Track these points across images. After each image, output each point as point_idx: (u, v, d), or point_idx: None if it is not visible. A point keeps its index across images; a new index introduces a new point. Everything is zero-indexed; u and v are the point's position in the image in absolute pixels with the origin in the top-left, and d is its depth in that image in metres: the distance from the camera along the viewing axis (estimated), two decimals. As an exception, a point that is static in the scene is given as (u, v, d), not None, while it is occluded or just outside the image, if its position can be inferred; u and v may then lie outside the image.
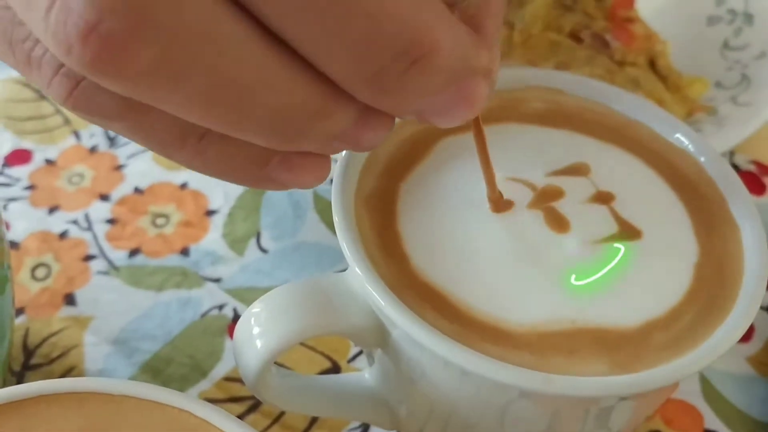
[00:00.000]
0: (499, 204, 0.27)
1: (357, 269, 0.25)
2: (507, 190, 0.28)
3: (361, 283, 0.25)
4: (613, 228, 0.27)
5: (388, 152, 0.29)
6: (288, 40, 0.18)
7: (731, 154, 0.47)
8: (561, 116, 0.31)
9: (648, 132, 0.31)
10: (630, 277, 0.26)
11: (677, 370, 0.24)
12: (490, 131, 0.30)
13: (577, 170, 0.29)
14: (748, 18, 0.52)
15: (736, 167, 0.47)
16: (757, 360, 0.37)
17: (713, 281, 0.26)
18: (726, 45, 0.51)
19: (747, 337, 0.38)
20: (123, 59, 0.17)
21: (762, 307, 0.39)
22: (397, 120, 0.30)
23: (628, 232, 0.27)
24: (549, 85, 0.32)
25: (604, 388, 0.23)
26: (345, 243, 0.26)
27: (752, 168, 0.47)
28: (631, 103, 0.31)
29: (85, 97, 0.20)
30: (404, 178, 0.29)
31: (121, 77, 0.17)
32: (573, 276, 0.26)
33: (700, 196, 0.28)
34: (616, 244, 0.27)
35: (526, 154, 0.29)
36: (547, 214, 0.27)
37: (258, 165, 0.23)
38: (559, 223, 0.27)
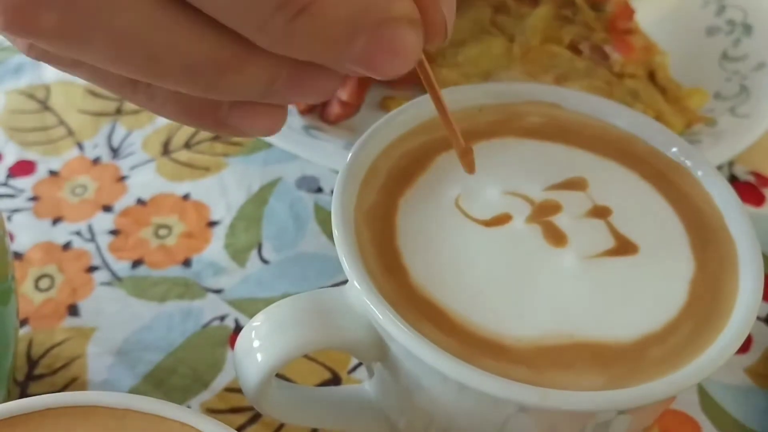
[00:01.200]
0: (468, 156, 0.27)
1: (356, 283, 0.26)
2: (505, 205, 0.28)
3: (360, 297, 0.25)
4: (610, 242, 0.27)
5: (388, 166, 0.30)
6: None
7: (730, 165, 0.47)
8: (558, 131, 0.31)
9: (645, 146, 0.31)
10: (626, 292, 0.26)
11: (674, 384, 0.24)
12: (488, 146, 0.31)
13: (575, 185, 0.29)
14: (747, 29, 0.52)
15: (735, 178, 0.47)
16: (755, 371, 0.37)
17: (709, 295, 0.26)
18: (725, 56, 0.51)
19: (745, 348, 0.38)
20: (29, 23, 0.20)
21: (759, 318, 0.39)
22: (396, 135, 0.30)
23: (624, 246, 0.27)
24: (547, 99, 0.32)
25: (601, 402, 0.24)
26: (344, 257, 0.26)
27: (751, 179, 0.47)
28: (628, 118, 0.32)
29: (40, 50, 0.22)
30: (404, 192, 0.29)
31: (33, 37, 0.20)
32: (570, 291, 0.26)
33: (696, 211, 0.29)
34: (613, 259, 0.27)
35: (523, 168, 0.30)
36: (545, 228, 0.28)
37: (209, 110, 0.25)
38: (556, 237, 0.27)
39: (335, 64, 0.22)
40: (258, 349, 0.26)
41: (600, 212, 0.28)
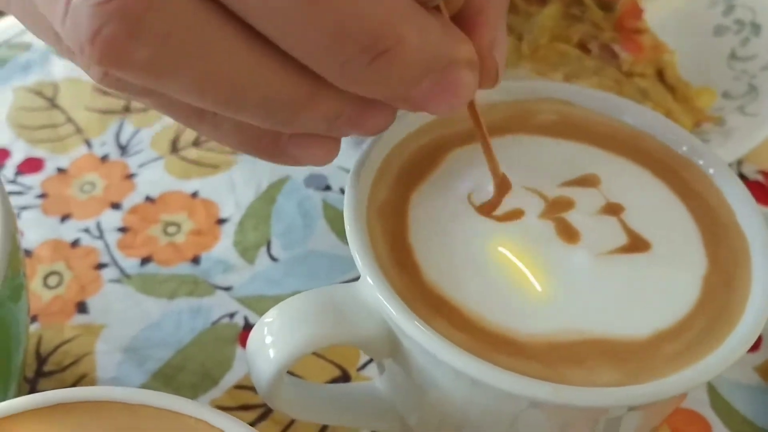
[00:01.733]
0: (503, 187, 0.28)
1: (369, 279, 0.26)
2: (518, 200, 0.28)
3: (373, 293, 0.25)
4: (622, 239, 0.27)
5: (400, 162, 0.30)
6: (269, 36, 0.21)
7: (739, 164, 0.47)
8: (571, 128, 0.31)
9: (657, 144, 0.31)
10: (639, 289, 0.26)
11: (686, 381, 0.24)
12: (501, 142, 0.31)
13: (587, 181, 0.29)
14: (756, 28, 0.52)
15: (743, 177, 0.47)
16: (765, 369, 0.37)
17: (722, 292, 0.26)
18: (733, 55, 0.51)
19: (755, 346, 0.38)
20: (122, 57, 0.20)
21: (770, 317, 0.39)
22: (408, 131, 0.30)
23: (637, 243, 0.27)
24: (559, 96, 0.32)
25: (612, 398, 0.24)
26: (357, 253, 0.26)
27: (760, 178, 0.47)
28: (640, 115, 0.32)
29: (114, 79, 0.23)
30: (416, 188, 0.29)
31: (124, 70, 0.21)
32: (583, 287, 0.26)
33: (708, 208, 0.29)
34: (626, 256, 0.27)
35: (537, 164, 0.30)
36: (558, 224, 0.28)
37: (271, 141, 0.26)
38: (569, 234, 0.27)
39: (398, 102, 0.24)
40: (270, 345, 0.26)
41: (612, 209, 0.28)
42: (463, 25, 0.25)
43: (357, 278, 0.27)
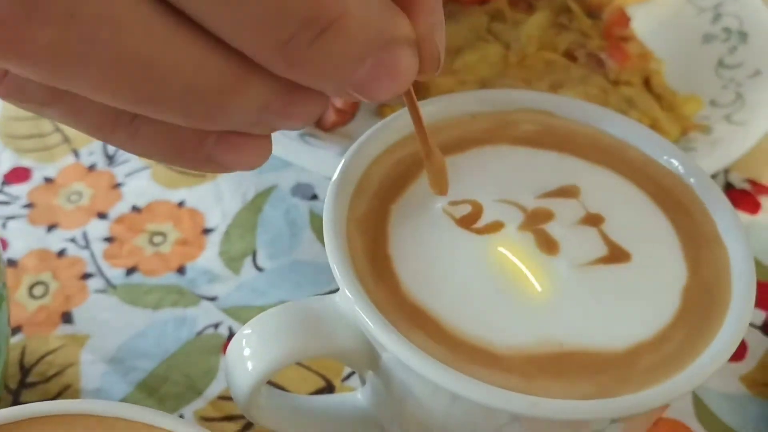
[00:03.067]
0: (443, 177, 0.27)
1: (347, 291, 0.26)
2: (497, 212, 0.28)
3: (351, 305, 0.25)
4: (602, 250, 0.27)
5: (380, 174, 0.30)
6: (192, 15, 0.19)
7: (726, 172, 0.47)
8: (551, 138, 0.31)
9: (638, 154, 0.31)
10: (618, 300, 0.26)
11: (665, 393, 0.24)
12: (481, 153, 0.31)
13: (567, 192, 0.29)
14: (743, 36, 0.52)
15: (730, 185, 0.47)
16: (750, 379, 0.37)
17: (702, 303, 0.26)
18: (721, 63, 0.51)
19: (740, 355, 0.38)
20: (19, 42, 0.17)
21: (754, 326, 0.39)
22: (387, 144, 0.30)
23: (617, 254, 0.27)
24: (539, 107, 0.32)
25: (591, 411, 0.23)
26: (335, 265, 0.26)
27: (747, 186, 0.47)
28: (621, 125, 0.32)
29: (14, 85, 0.20)
30: (395, 200, 0.29)
31: (21, 60, 0.18)
32: (562, 299, 0.26)
33: (689, 218, 0.29)
34: (606, 267, 0.27)
35: (516, 175, 0.30)
36: (537, 236, 0.27)
37: (194, 146, 0.23)
38: (548, 245, 0.27)
39: (336, 87, 0.21)
40: (248, 358, 0.26)
41: (592, 220, 0.28)
42: (401, 8, 0.22)
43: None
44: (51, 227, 0.44)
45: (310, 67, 0.20)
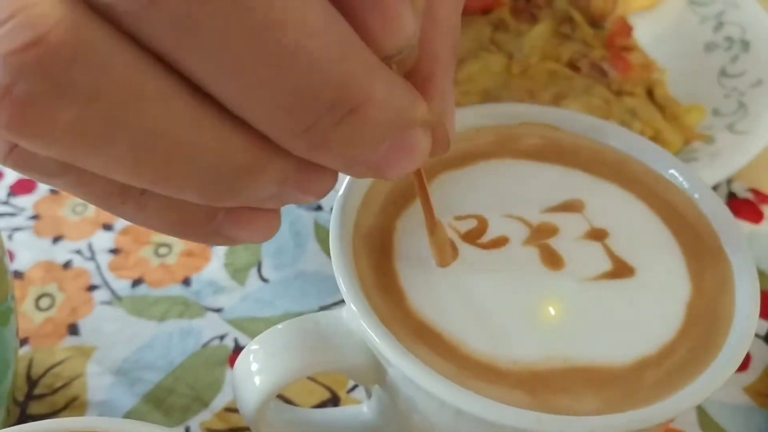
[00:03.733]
0: (445, 254, 0.27)
1: (353, 306, 0.26)
2: (502, 227, 0.28)
3: (357, 320, 0.25)
4: (606, 265, 0.27)
5: (386, 189, 0.30)
6: (216, 97, 0.18)
7: (729, 182, 0.48)
8: (555, 152, 0.31)
9: (642, 168, 0.31)
10: (623, 315, 0.26)
11: (669, 408, 0.24)
12: (486, 167, 0.31)
13: (572, 207, 0.29)
14: (745, 45, 0.52)
15: (733, 195, 0.47)
16: (754, 389, 0.37)
17: (705, 318, 0.26)
18: (723, 72, 0.51)
19: (744, 366, 0.38)
20: (40, 121, 0.17)
21: (758, 336, 0.39)
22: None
23: (621, 269, 0.27)
24: (544, 121, 0.32)
25: (596, 427, 0.24)
26: (341, 280, 0.26)
27: (750, 196, 0.47)
28: (625, 139, 0.32)
29: (23, 156, 0.19)
30: (401, 214, 0.29)
31: (41, 139, 0.17)
32: (567, 314, 0.26)
33: (693, 233, 0.29)
34: (610, 282, 0.27)
35: (521, 190, 0.30)
36: (542, 251, 0.28)
37: (203, 220, 0.22)
38: (553, 260, 0.27)
39: (353, 167, 0.21)
40: (256, 373, 0.26)
41: (597, 234, 0.28)
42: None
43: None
44: (57, 239, 0.45)
45: (331, 150, 0.20)
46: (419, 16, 0.20)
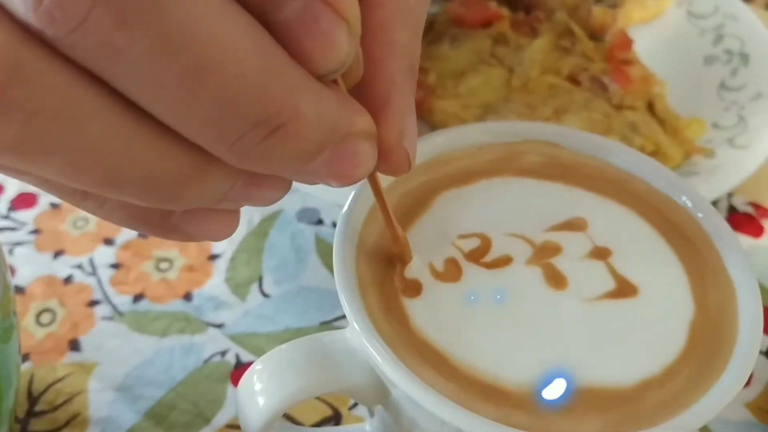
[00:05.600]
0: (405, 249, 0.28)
1: (356, 325, 0.26)
2: (506, 246, 0.28)
3: (360, 340, 0.25)
4: (610, 284, 0.27)
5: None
6: (149, 111, 0.19)
7: (729, 196, 0.48)
8: (558, 170, 0.31)
9: (645, 186, 0.31)
10: (626, 335, 0.26)
11: (674, 430, 0.24)
12: (488, 185, 0.31)
13: (575, 225, 0.29)
14: (745, 58, 0.52)
15: (734, 209, 0.47)
16: (756, 406, 0.37)
17: (709, 338, 0.26)
18: (723, 85, 0.51)
19: (746, 382, 0.38)
20: None
21: (761, 352, 0.39)
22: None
23: (625, 288, 0.27)
24: (546, 138, 0.32)
25: (600, 449, 0.24)
26: (345, 299, 0.26)
27: (750, 210, 0.47)
28: (627, 157, 0.32)
29: None
30: (405, 232, 0.29)
31: None
32: (570, 334, 0.26)
33: (696, 252, 0.29)
34: (613, 302, 0.27)
35: (523, 208, 0.30)
36: (546, 271, 0.28)
37: (160, 218, 0.23)
38: (557, 280, 0.27)
39: (295, 176, 0.22)
40: (260, 393, 0.26)
41: (600, 253, 0.28)
42: (371, 113, 0.23)
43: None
44: (57, 253, 0.45)
45: (261, 162, 0.20)
46: (355, 38, 0.20)
